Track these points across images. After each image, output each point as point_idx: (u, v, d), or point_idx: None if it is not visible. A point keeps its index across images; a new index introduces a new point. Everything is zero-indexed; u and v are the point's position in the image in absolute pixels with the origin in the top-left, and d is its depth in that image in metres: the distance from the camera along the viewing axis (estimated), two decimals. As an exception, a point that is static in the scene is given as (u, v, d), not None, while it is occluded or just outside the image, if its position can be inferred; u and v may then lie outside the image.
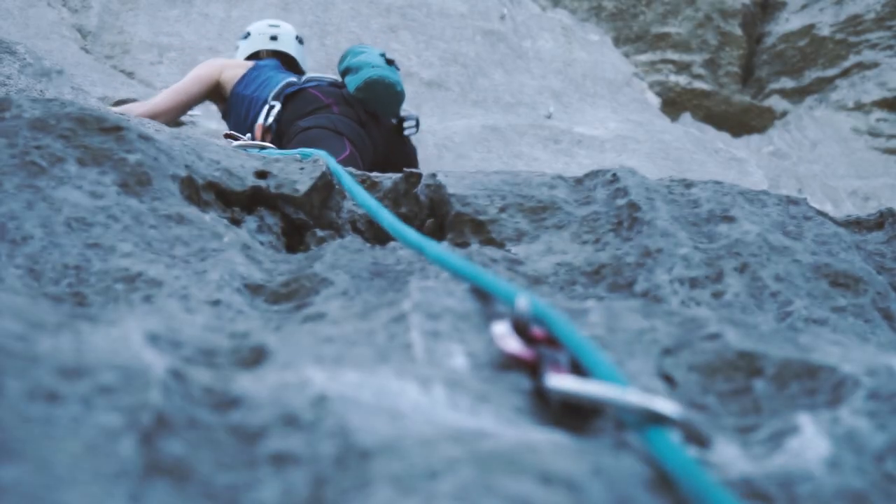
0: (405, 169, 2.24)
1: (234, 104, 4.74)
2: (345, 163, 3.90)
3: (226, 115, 4.91)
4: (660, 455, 0.73)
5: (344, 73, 4.53)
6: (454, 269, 1.31)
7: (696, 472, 0.69)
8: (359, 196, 1.86)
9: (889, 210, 2.14)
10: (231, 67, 4.89)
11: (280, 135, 4.37)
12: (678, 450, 0.73)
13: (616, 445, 0.80)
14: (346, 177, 2.03)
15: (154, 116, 4.61)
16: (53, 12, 8.74)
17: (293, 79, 4.59)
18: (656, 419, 0.77)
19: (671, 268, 1.77)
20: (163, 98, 4.83)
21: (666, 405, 0.77)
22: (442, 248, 1.41)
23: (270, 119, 4.40)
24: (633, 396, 0.77)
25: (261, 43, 5.16)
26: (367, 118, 4.40)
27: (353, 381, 0.85)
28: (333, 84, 4.54)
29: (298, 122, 4.29)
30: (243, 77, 4.77)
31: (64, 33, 8.48)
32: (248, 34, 5.27)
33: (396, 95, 4.40)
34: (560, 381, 0.81)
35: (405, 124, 4.54)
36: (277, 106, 4.43)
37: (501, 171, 2.17)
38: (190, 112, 5.78)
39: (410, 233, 1.54)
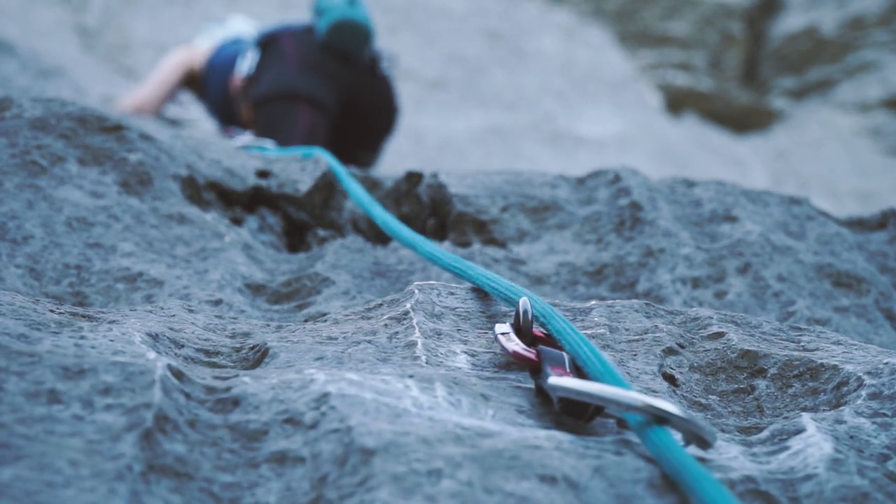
0: (408, 170, 2.23)
1: (210, 75, 4.80)
2: (303, 140, 4.00)
3: (203, 95, 4.97)
4: (661, 455, 0.73)
5: (314, 17, 4.56)
6: (446, 265, 1.30)
7: (698, 471, 0.69)
8: (354, 193, 1.86)
9: (892, 210, 2.13)
10: (200, 52, 4.99)
11: (253, 85, 4.38)
12: (679, 450, 0.72)
13: (617, 445, 0.80)
14: (344, 173, 2.04)
15: (142, 109, 4.75)
16: (54, 12, 8.74)
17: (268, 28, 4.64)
18: (658, 419, 0.76)
19: (673, 268, 1.76)
20: (149, 91, 4.92)
21: (668, 405, 0.76)
22: (433, 246, 1.41)
23: (249, 67, 4.42)
24: (634, 396, 0.77)
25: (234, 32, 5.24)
26: (335, 63, 4.40)
27: (355, 380, 0.85)
28: (307, 29, 4.55)
29: (259, 87, 4.31)
30: (215, 51, 4.85)
31: (64, 33, 8.49)
32: (223, 24, 5.35)
33: (363, 34, 4.39)
34: (561, 381, 0.81)
35: (381, 64, 4.55)
36: (255, 53, 4.46)
37: (503, 171, 2.17)
38: (188, 116, 5.89)
39: (403, 229, 1.54)
